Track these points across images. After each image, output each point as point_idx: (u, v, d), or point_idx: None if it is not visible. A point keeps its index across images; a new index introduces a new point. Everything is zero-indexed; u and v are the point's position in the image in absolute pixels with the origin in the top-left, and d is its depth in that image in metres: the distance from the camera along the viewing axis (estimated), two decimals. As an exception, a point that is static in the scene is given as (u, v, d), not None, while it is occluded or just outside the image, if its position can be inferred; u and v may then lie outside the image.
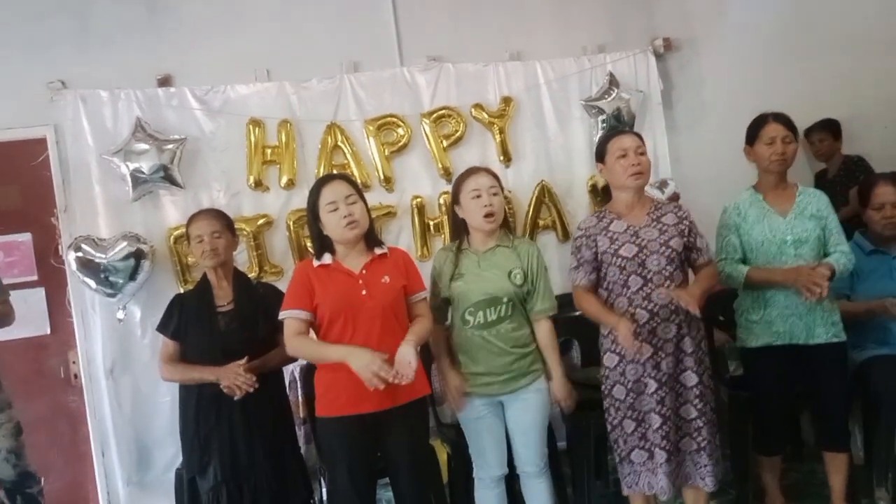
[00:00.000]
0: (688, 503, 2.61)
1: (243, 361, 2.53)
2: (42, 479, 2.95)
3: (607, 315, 2.49)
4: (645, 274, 2.46)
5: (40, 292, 3.40)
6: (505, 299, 2.50)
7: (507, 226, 2.67)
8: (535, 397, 2.55)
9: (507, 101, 3.71)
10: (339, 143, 3.53)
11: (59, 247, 3.36)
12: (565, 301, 2.76)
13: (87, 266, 3.17)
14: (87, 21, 3.44)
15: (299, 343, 2.36)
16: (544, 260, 2.64)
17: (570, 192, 3.81)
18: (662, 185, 3.76)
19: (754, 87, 3.94)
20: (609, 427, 2.57)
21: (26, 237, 3.34)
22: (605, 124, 3.73)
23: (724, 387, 3.17)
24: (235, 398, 2.52)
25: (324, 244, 2.44)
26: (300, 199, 3.44)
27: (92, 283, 3.20)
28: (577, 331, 3.44)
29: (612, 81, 3.78)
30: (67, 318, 3.40)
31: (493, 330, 2.50)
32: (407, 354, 2.26)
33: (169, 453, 3.25)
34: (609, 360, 2.56)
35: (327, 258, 2.42)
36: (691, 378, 2.48)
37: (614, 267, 2.50)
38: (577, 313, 3.41)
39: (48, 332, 3.41)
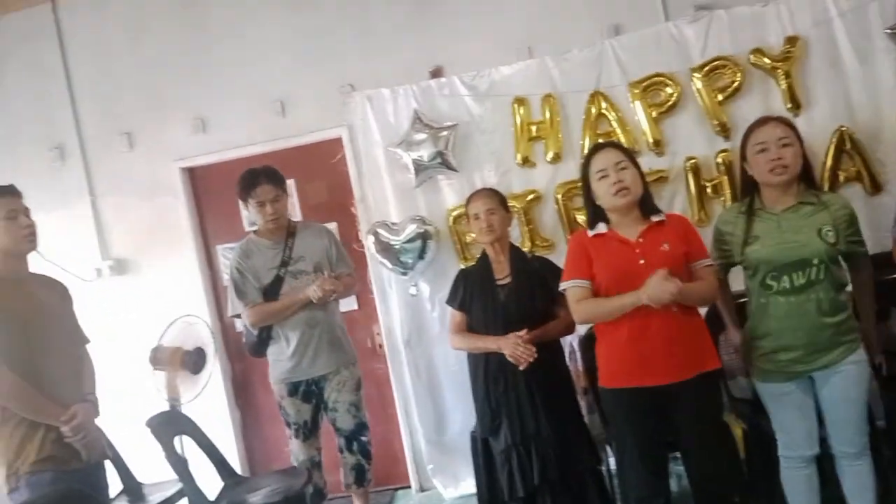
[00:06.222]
0: None
1: (523, 332, 2.63)
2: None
3: None
4: None
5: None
6: (815, 261, 2.22)
7: (809, 180, 2.39)
8: (852, 370, 2.26)
9: (792, 41, 3.29)
10: (604, 111, 3.45)
11: (359, 232, 3.80)
12: (879, 262, 2.40)
13: (384, 248, 3.54)
14: (367, 26, 3.80)
15: (587, 305, 2.34)
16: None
17: (878, 136, 3.27)
18: None
19: None
20: None
21: (333, 226, 3.77)
22: (920, 51, 3.15)
23: None
24: (521, 368, 2.63)
25: (597, 213, 2.40)
26: (566, 173, 3.46)
27: (388, 263, 3.57)
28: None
29: (928, 0, 3.16)
30: (369, 294, 3.83)
31: (802, 295, 2.24)
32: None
33: (461, 417, 3.50)
34: None
35: (601, 227, 2.38)
36: None
37: None
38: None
39: (356, 307, 3.88)
